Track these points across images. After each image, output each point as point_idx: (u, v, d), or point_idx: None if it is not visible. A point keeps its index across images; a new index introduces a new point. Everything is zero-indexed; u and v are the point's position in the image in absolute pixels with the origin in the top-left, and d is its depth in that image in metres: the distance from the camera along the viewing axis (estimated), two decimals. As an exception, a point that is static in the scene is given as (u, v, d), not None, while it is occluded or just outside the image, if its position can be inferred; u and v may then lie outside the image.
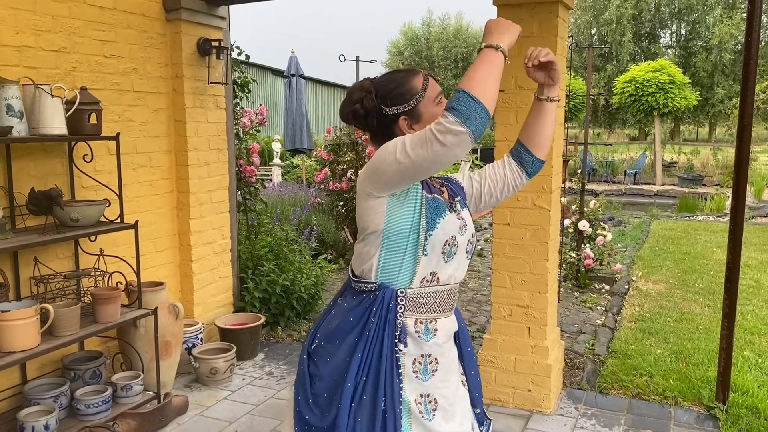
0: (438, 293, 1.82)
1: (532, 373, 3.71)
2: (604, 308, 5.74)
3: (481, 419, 2.02)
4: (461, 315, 1.99)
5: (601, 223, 6.71)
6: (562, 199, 4.52)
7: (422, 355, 1.81)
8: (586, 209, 6.57)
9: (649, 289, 6.34)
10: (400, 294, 1.77)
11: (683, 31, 30.94)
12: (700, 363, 4.33)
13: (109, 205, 3.44)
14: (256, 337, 4.51)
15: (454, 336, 1.94)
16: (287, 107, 11.43)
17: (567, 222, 6.33)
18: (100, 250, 3.56)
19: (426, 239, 1.74)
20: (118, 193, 3.49)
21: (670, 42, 31.98)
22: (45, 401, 3.17)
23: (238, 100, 5.16)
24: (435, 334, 1.83)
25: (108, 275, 3.57)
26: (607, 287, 6.37)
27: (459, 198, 1.92)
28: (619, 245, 8.31)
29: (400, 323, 1.78)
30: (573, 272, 6.46)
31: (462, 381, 1.96)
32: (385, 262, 1.78)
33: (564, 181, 4.81)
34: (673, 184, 16.98)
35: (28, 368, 3.37)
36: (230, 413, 3.71)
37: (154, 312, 3.50)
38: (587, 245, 6.49)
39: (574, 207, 6.65)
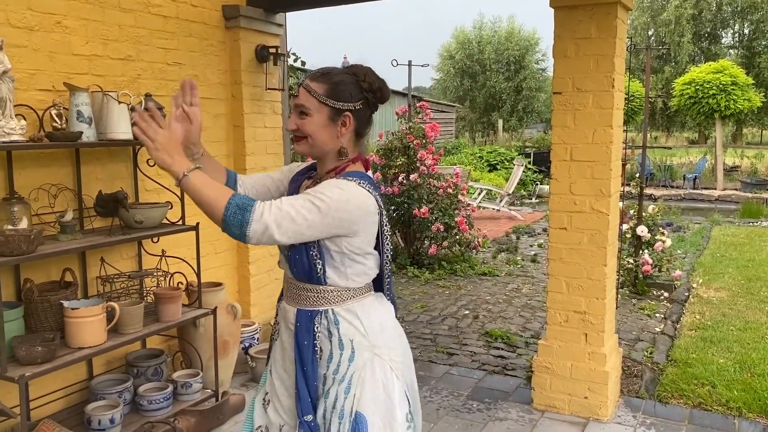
0: (283, 276, 1.98)
1: (589, 380, 3.64)
2: (662, 316, 5.59)
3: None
4: (308, 326, 1.86)
5: (660, 229, 6.53)
6: (620, 203, 4.43)
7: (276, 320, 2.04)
8: (644, 214, 6.42)
9: (711, 297, 6.14)
10: None
11: (746, 31, 29.91)
12: (766, 374, 4.17)
13: (171, 208, 3.55)
14: (310, 338, 4.56)
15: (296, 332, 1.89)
16: (340, 112, 11.52)
17: (625, 227, 6.19)
18: (162, 251, 3.67)
19: None
20: (179, 195, 3.60)
21: (732, 42, 30.97)
22: (110, 396, 3.28)
23: (293, 106, 5.25)
24: (278, 311, 2.01)
25: (169, 275, 3.68)
26: (665, 294, 6.20)
27: None
28: (679, 251, 8.07)
29: None
30: (630, 278, 6.31)
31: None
32: None
33: (622, 185, 4.71)
34: (736, 189, 16.35)
35: (94, 364, 3.50)
36: (285, 413, 3.76)
37: (214, 312, 3.59)
38: (645, 251, 6.32)
39: (632, 212, 6.50)
